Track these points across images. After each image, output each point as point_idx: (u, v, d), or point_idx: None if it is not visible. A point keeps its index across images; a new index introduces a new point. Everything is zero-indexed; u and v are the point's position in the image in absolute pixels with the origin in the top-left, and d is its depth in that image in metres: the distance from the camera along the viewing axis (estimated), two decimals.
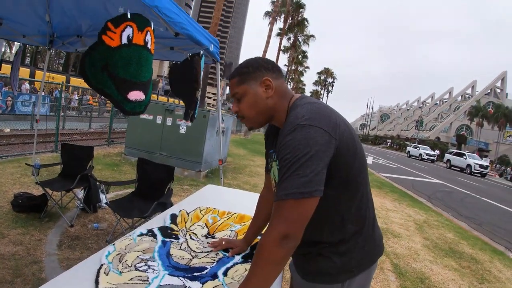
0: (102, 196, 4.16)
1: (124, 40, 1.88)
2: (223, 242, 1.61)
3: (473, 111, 54.08)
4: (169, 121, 7.17)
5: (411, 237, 5.45)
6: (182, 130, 7.07)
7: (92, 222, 3.73)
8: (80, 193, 3.82)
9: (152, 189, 3.54)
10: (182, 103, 3.68)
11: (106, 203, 3.22)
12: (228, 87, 1.27)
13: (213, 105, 68.78)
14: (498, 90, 66.36)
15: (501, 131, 51.60)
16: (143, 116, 7.17)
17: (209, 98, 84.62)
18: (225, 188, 3.52)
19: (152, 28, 2.06)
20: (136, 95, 1.99)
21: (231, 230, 1.89)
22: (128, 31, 1.88)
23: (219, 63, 3.62)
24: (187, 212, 2.06)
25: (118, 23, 1.87)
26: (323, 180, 1.01)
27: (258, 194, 1.64)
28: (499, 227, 8.02)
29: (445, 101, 77.33)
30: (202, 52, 2.97)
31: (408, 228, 5.95)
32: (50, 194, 3.62)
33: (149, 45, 2.02)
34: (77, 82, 28.15)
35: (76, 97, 21.71)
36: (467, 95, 70.56)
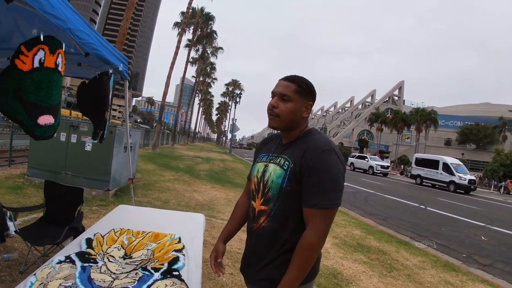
0: (9, 224, 3.77)
1: (36, 64, 1.81)
2: (213, 261, 1.61)
3: (373, 117, 60.28)
4: (73, 138, 6.57)
5: None
6: (88, 148, 6.54)
7: (2, 252, 3.37)
8: None
9: (61, 214, 3.37)
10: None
11: (15, 231, 2.95)
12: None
13: (118, 117, 65.38)
14: (396, 98, 75.03)
15: (400, 134, 58.25)
16: None
17: (115, 110, 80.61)
18: (137, 207, 3.50)
19: (64, 49, 2.01)
20: (45, 120, 1.91)
21: (147, 249, 1.93)
22: (40, 55, 1.81)
23: (127, 81, 3.57)
24: (101, 235, 2.04)
25: (31, 46, 1.80)
26: None
27: (171, 211, 1.72)
28: (403, 220, 9.00)
29: (347, 109, 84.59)
30: (111, 71, 2.93)
31: None
32: None
33: (59, 68, 1.96)
34: None
35: None
36: (367, 103, 78.26)
